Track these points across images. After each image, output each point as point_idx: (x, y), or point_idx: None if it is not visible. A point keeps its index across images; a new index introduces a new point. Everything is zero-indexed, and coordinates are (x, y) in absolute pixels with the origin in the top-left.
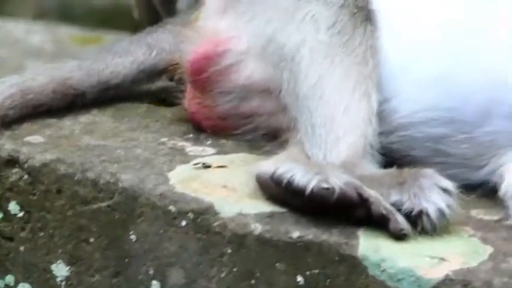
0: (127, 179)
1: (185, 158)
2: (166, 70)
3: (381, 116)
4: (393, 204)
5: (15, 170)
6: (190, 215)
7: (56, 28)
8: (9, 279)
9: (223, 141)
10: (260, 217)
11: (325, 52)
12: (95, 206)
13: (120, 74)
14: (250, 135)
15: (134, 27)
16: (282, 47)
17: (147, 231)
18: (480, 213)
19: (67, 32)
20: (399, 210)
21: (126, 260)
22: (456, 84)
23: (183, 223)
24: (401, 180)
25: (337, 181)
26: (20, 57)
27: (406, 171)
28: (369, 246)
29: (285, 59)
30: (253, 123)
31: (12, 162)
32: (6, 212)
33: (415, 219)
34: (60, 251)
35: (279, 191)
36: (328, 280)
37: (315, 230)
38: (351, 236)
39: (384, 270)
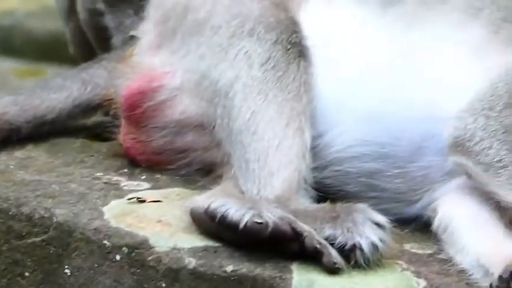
0: (62, 213)
1: (120, 193)
2: (101, 105)
3: (315, 151)
4: (327, 239)
5: None
6: (125, 249)
7: None
8: None
9: (158, 175)
10: (194, 251)
11: (259, 88)
12: (29, 241)
13: (55, 109)
14: (185, 170)
15: (74, 60)
16: (216, 83)
17: (82, 265)
18: (414, 247)
19: (7, 65)
20: (332, 244)
21: None
22: (388, 120)
23: (118, 257)
24: (334, 215)
25: (271, 216)
26: None
27: (339, 205)
28: (303, 280)
29: (218, 95)
30: (187, 158)
31: None
32: None
33: (349, 253)
34: None
35: (213, 226)
36: None
37: (249, 264)
38: (284, 270)
39: None
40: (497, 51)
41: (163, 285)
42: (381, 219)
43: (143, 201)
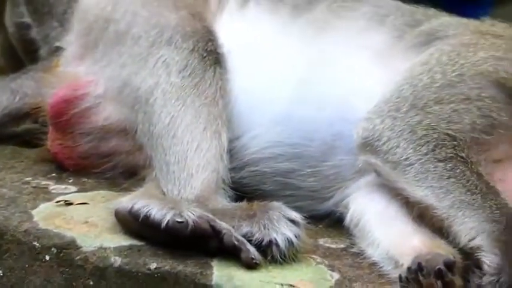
0: None
1: (48, 196)
2: (30, 113)
3: (232, 152)
4: (244, 236)
5: None
6: (54, 250)
7: None
8: None
9: (84, 179)
10: (119, 250)
11: (177, 94)
12: None
13: None
14: (110, 173)
15: (3, 71)
16: (137, 90)
17: (13, 266)
18: (327, 242)
19: None
20: (250, 241)
21: None
22: (300, 122)
23: (47, 257)
24: (251, 213)
25: (191, 215)
26: None
27: (256, 204)
28: (223, 275)
29: (139, 101)
30: (112, 162)
31: None
32: None
33: (266, 249)
34: None
35: (136, 226)
36: None
37: (171, 262)
38: (205, 266)
39: None
40: (402, 55)
41: (91, 283)
42: (296, 216)
43: (71, 203)
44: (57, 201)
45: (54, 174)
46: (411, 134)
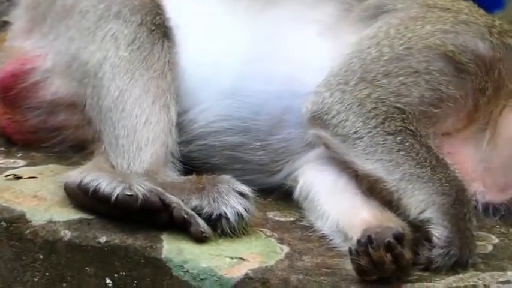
0: None
1: None
2: None
3: (181, 126)
4: (194, 209)
5: None
6: (3, 224)
7: None
8: None
9: (33, 153)
10: (69, 224)
11: (126, 68)
12: None
13: None
14: (59, 147)
15: None
16: (85, 64)
17: None
18: (277, 215)
19: None
20: (200, 214)
21: None
22: (248, 96)
23: None
24: (200, 186)
25: (141, 188)
26: None
27: (205, 177)
28: (172, 248)
29: (88, 75)
30: (61, 136)
31: None
32: None
33: (215, 222)
34: None
35: (86, 199)
36: (135, 282)
37: (121, 235)
38: (155, 239)
39: (187, 271)
40: (351, 29)
41: (41, 257)
42: (245, 189)
43: (20, 177)
44: (6, 175)
45: (2, 149)
46: (360, 107)
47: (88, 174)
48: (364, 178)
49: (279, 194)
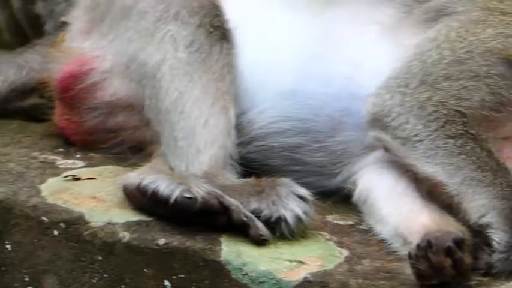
0: (1, 192)
1: (56, 171)
2: (37, 88)
3: (239, 127)
4: (253, 212)
5: None
6: (62, 225)
7: None
8: None
9: (92, 154)
10: (128, 226)
11: (185, 69)
12: None
13: None
14: (117, 149)
15: (10, 46)
16: (144, 65)
17: (22, 241)
18: (336, 219)
19: None
20: (259, 217)
21: (3, 268)
22: (308, 97)
23: (56, 232)
24: (259, 189)
25: (200, 190)
26: None
27: (264, 180)
28: (231, 251)
29: (147, 77)
30: (119, 137)
31: None
32: None
33: (274, 225)
34: None
35: (145, 201)
36: (194, 284)
37: (180, 237)
38: (214, 242)
39: (246, 274)
40: (411, 31)
41: (99, 258)
42: (304, 192)
43: (78, 178)
44: (65, 176)
45: (61, 149)
46: (421, 110)
47: (147, 176)
48: (423, 182)
49: (338, 197)
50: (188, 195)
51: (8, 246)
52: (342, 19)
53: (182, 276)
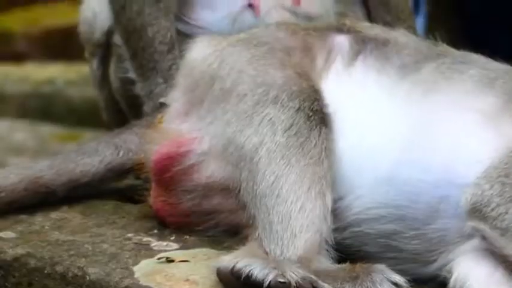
0: (94, 272)
1: (150, 253)
2: (133, 169)
3: (335, 213)
4: None
5: None
6: None
7: (38, 126)
8: None
9: (186, 236)
10: None
11: (282, 153)
12: None
13: (89, 172)
14: (212, 231)
15: (108, 125)
16: (241, 148)
17: None
18: None
19: (48, 129)
20: None
21: None
22: (405, 184)
23: None
24: (354, 275)
25: (294, 275)
26: (2, 154)
27: (359, 266)
28: None
29: (244, 159)
30: (214, 220)
31: None
32: None
33: None
34: None
35: (238, 285)
36: None
37: None
38: None
39: None
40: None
41: None
42: (399, 279)
43: (172, 260)
44: (159, 258)
45: (156, 231)
46: None
47: (241, 259)
48: None
49: (434, 284)
50: (282, 280)
51: None
52: (442, 107)
53: None
